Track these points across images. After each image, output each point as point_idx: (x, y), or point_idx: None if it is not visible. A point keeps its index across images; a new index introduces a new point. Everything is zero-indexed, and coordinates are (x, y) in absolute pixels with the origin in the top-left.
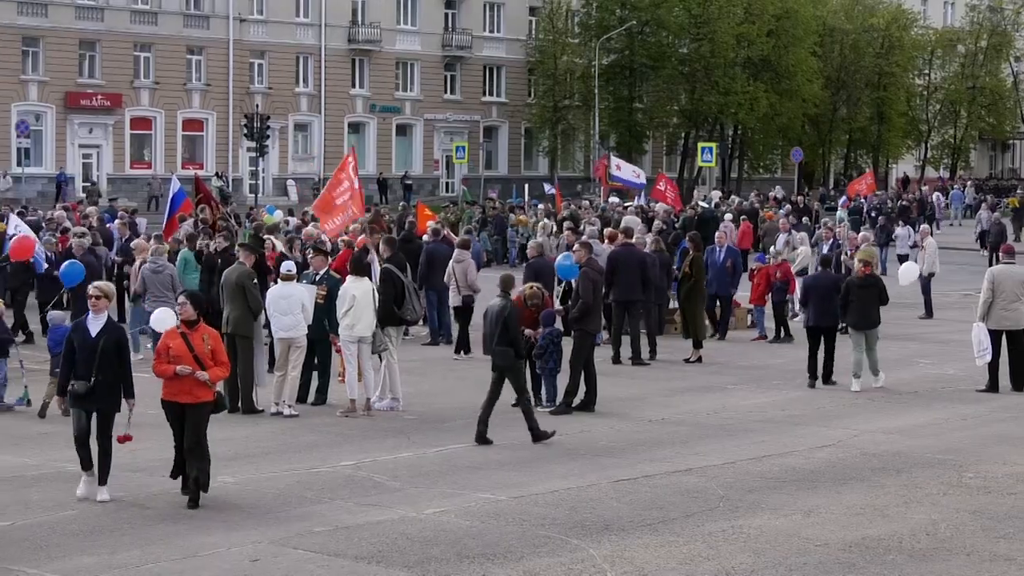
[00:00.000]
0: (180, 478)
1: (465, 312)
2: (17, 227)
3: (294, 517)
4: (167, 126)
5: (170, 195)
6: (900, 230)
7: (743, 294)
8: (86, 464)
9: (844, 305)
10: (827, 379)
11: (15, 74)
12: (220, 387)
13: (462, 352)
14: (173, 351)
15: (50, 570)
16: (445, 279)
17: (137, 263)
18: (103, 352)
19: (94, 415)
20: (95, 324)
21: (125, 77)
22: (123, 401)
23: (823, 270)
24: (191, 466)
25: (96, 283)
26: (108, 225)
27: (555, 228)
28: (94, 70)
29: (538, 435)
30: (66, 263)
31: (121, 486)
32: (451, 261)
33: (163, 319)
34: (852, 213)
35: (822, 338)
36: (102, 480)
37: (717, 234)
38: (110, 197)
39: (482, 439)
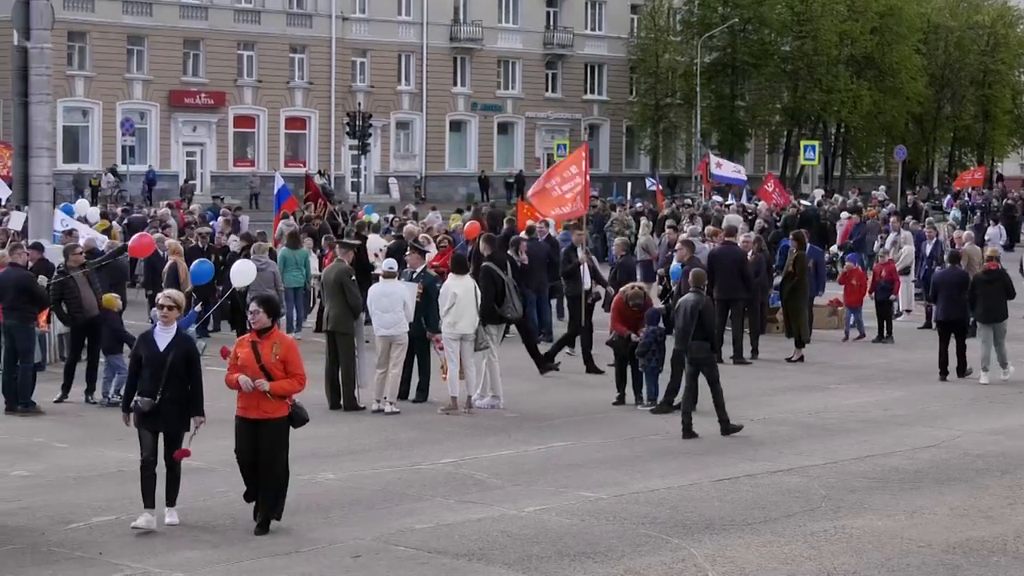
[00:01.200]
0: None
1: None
2: (63, 222)
3: (395, 514)
4: (270, 124)
5: (275, 193)
6: (991, 230)
7: (832, 293)
8: (147, 498)
9: (972, 300)
10: (960, 372)
11: (120, 72)
12: (296, 401)
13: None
14: (241, 360)
15: (154, 564)
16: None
17: (170, 261)
18: (172, 367)
19: (161, 436)
20: (163, 336)
21: (229, 75)
22: (191, 419)
23: (951, 266)
24: (264, 490)
25: (167, 291)
26: (211, 223)
27: (652, 226)
28: (198, 68)
29: (728, 428)
30: (196, 262)
31: (225, 481)
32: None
33: (243, 271)
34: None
35: (952, 333)
36: (170, 501)
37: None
38: (213, 195)
39: (688, 432)
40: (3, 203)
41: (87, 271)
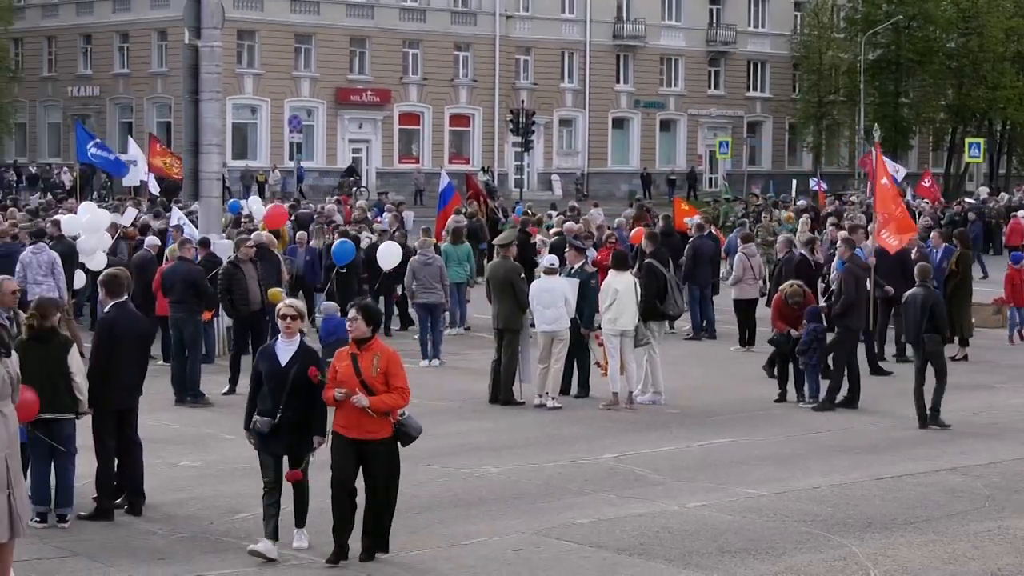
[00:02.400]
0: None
1: (748, 305)
2: (180, 219)
3: (557, 508)
4: (434, 121)
5: (439, 190)
6: None
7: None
8: (268, 528)
9: None
10: None
11: (288, 71)
12: (404, 414)
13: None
14: (340, 375)
15: (317, 554)
16: (728, 273)
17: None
18: (294, 383)
19: (284, 459)
20: (286, 350)
21: (394, 73)
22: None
23: None
24: (376, 518)
25: (290, 301)
26: (377, 219)
27: (811, 224)
28: (364, 67)
29: (937, 420)
30: (338, 242)
31: (402, 477)
32: (738, 254)
33: (389, 252)
34: None
35: None
36: (298, 521)
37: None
38: (379, 191)
39: (925, 422)
40: (159, 200)
41: (255, 264)
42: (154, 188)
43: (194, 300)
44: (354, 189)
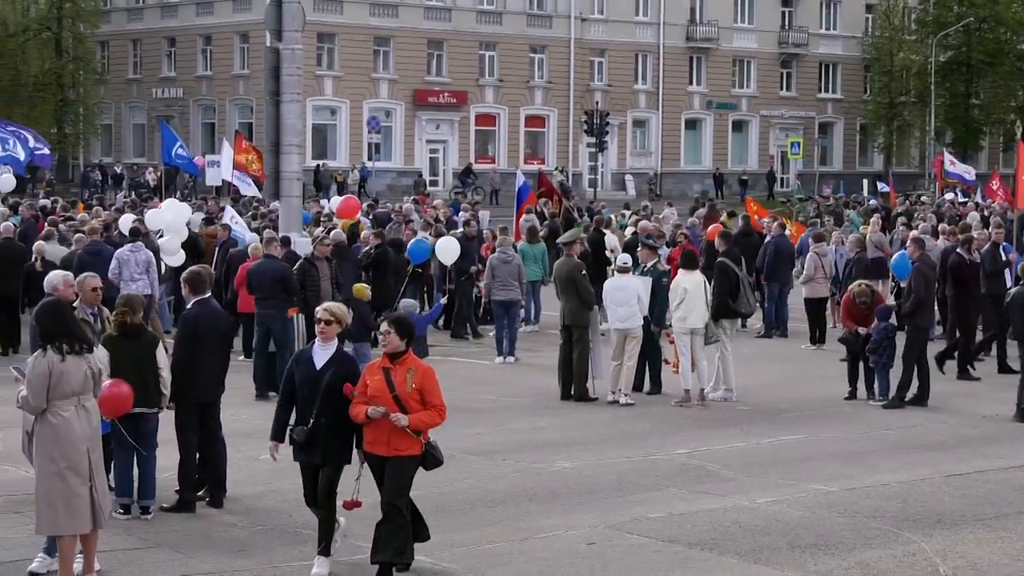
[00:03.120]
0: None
1: (819, 304)
2: (233, 218)
3: (629, 502)
4: (510, 122)
5: (515, 189)
6: None
7: None
8: (322, 546)
9: None
10: None
11: (366, 72)
12: (432, 440)
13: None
14: (371, 390)
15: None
16: (798, 272)
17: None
18: (328, 389)
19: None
20: (322, 354)
21: (471, 75)
22: (355, 451)
23: None
24: (388, 532)
25: (327, 305)
26: (454, 217)
27: (881, 224)
28: (441, 68)
29: None
30: (413, 240)
31: (462, 469)
32: (809, 254)
33: (448, 247)
34: None
35: None
36: (324, 549)
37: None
38: (455, 191)
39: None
40: (260, 200)
41: (331, 262)
42: (247, 189)
43: (283, 297)
44: (468, 190)
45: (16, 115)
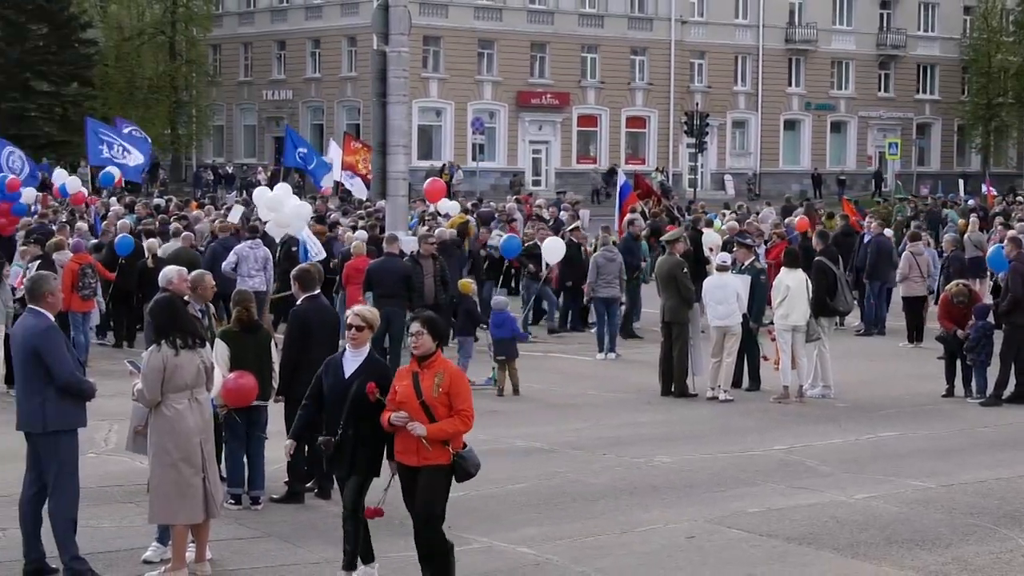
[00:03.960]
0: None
1: (916, 302)
2: (243, 216)
3: (728, 497)
4: (611, 123)
5: (617, 188)
6: None
7: None
8: (346, 559)
9: None
10: None
11: (471, 74)
12: (466, 446)
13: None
14: (399, 395)
15: (499, 539)
16: (898, 271)
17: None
18: (355, 399)
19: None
20: (352, 361)
21: (573, 77)
22: (385, 462)
23: None
24: (425, 553)
25: (357, 309)
26: (559, 216)
27: (979, 224)
28: (544, 70)
29: None
30: (506, 237)
31: (564, 463)
32: (905, 254)
33: (554, 247)
34: None
35: None
36: (346, 564)
37: None
38: (557, 190)
39: None
40: (367, 202)
41: (436, 260)
42: (358, 192)
43: (404, 294)
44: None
45: (131, 116)
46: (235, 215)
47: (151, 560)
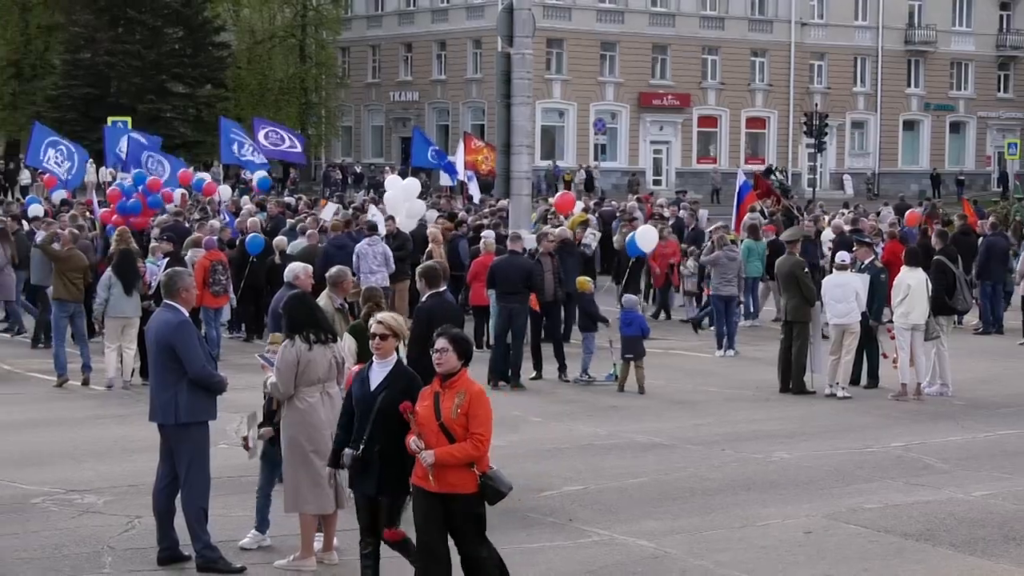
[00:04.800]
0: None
1: None
2: (336, 214)
3: (846, 493)
4: (731, 124)
5: (736, 188)
6: None
7: None
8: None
9: None
10: None
11: (593, 76)
12: (494, 468)
13: None
14: (420, 417)
15: (619, 531)
16: (1017, 271)
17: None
18: (381, 412)
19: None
20: (378, 372)
21: (693, 78)
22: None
23: None
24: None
25: (380, 316)
26: (680, 214)
27: None
28: (665, 72)
29: None
30: (630, 235)
31: (683, 457)
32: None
33: (646, 236)
34: None
35: None
36: None
37: None
38: (677, 190)
39: None
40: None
41: (554, 257)
42: (474, 192)
43: (525, 291)
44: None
45: (263, 117)
46: (328, 212)
47: (248, 547)
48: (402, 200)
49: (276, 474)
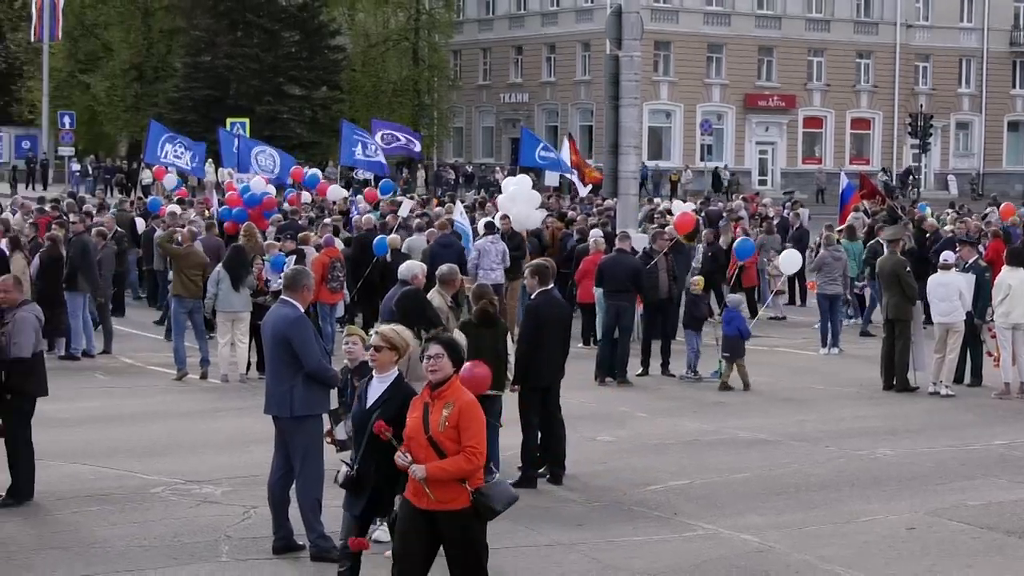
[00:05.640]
0: None
1: None
2: (412, 211)
3: (949, 490)
4: (836, 125)
5: (840, 189)
6: None
7: None
8: None
9: None
10: None
11: (700, 78)
12: (491, 480)
13: None
14: (408, 430)
15: (724, 526)
16: None
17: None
18: (374, 431)
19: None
20: (376, 387)
21: (799, 80)
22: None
23: None
24: None
25: (381, 327)
26: (784, 214)
27: None
28: (771, 73)
29: None
30: (740, 239)
31: (787, 453)
32: None
33: (792, 259)
34: None
35: None
36: None
37: None
38: (784, 190)
39: None
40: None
41: (669, 256)
42: (580, 188)
43: (633, 290)
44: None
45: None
46: (404, 210)
47: (381, 540)
48: (522, 202)
49: None
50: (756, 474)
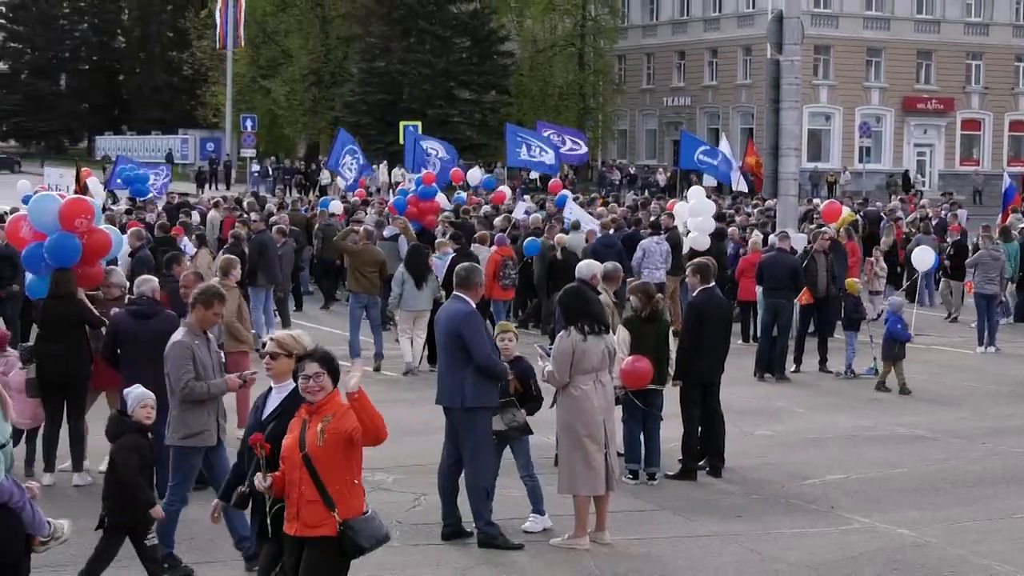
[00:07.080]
0: None
1: None
2: (527, 212)
3: None
4: (995, 127)
5: (1002, 190)
6: None
7: None
8: None
9: None
10: None
11: (859, 81)
12: (368, 512)
13: None
14: (284, 450)
15: (880, 520)
16: None
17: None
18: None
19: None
20: (274, 398)
21: (957, 83)
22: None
23: None
24: None
25: (277, 334)
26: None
27: None
28: (929, 77)
29: None
30: (916, 243)
31: (944, 450)
32: None
33: (924, 257)
34: None
35: None
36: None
37: None
38: (941, 191)
39: None
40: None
41: (828, 255)
42: (742, 186)
43: (792, 288)
44: None
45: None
46: (519, 211)
47: (531, 531)
48: (699, 213)
49: (526, 458)
50: (912, 470)
